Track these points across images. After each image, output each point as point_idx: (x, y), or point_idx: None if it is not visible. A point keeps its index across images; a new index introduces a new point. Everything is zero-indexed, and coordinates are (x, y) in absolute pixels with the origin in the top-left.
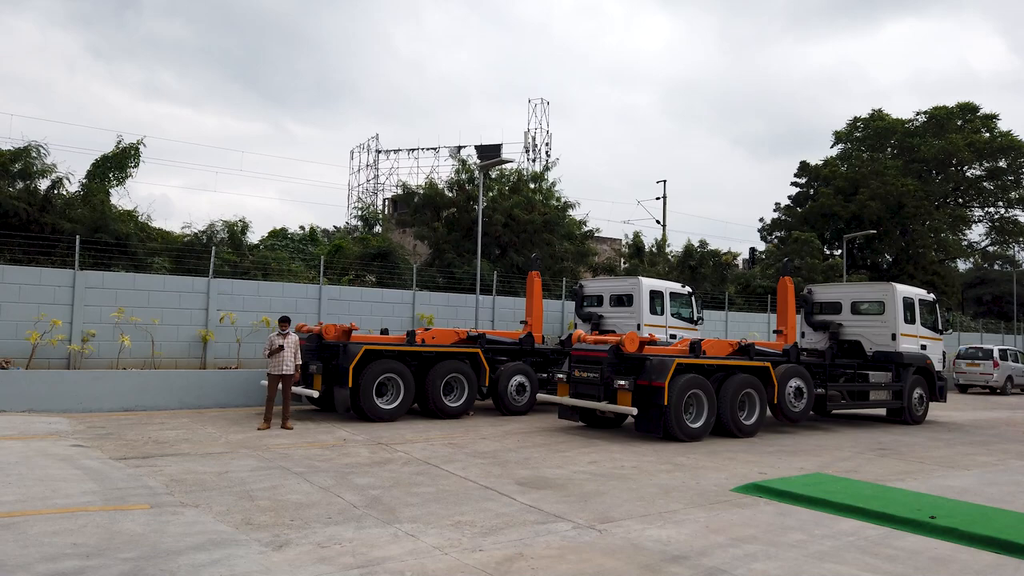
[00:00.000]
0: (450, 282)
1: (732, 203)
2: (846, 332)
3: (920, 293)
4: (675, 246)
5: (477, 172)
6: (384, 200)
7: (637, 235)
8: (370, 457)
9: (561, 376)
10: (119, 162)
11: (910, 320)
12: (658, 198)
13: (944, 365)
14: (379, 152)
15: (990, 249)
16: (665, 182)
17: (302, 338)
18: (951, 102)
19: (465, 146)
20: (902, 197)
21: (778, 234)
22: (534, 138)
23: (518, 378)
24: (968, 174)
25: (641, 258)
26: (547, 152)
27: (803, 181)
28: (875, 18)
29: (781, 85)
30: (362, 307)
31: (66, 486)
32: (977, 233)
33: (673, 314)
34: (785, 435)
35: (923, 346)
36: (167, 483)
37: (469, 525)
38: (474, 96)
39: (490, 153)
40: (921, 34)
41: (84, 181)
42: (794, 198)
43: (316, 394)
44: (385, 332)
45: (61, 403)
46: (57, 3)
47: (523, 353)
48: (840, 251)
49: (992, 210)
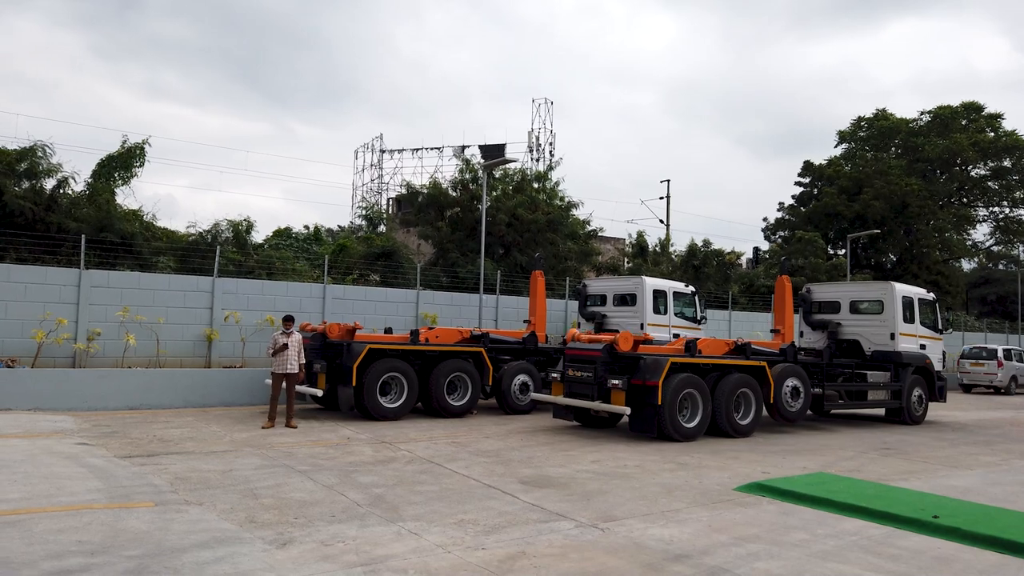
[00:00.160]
0: (454, 281)
1: (736, 203)
2: (845, 331)
3: (919, 292)
4: (679, 246)
5: (481, 172)
6: (388, 200)
7: (641, 234)
8: (374, 456)
9: (555, 375)
10: (124, 162)
11: (909, 319)
12: (661, 198)
13: (944, 365)
14: (383, 152)
15: (994, 249)
16: (668, 181)
17: (306, 337)
18: (954, 102)
19: (469, 146)
20: (906, 197)
21: (782, 234)
22: (538, 138)
23: (521, 377)
24: (972, 174)
25: (645, 258)
26: (551, 152)
27: (807, 181)
28: (877, 18)
29: (783, 85)
30: (366, 306)
31: (71, 484)
32: (981, 233)
33: (676, 314)
34: (788, 435)
35: (922, 346)
36: (171, 481)
37: (472, 523)
38: (476, 96)
39: (494, 153)
40: (923, 33)
41: (89, 181)
42: (798, 198)
43: (320, 393)
44: (389, 331)
45: (66, 401)
46: (60, 3)
47: (526, 352)
48: (844, 251)
49: (996, 210)
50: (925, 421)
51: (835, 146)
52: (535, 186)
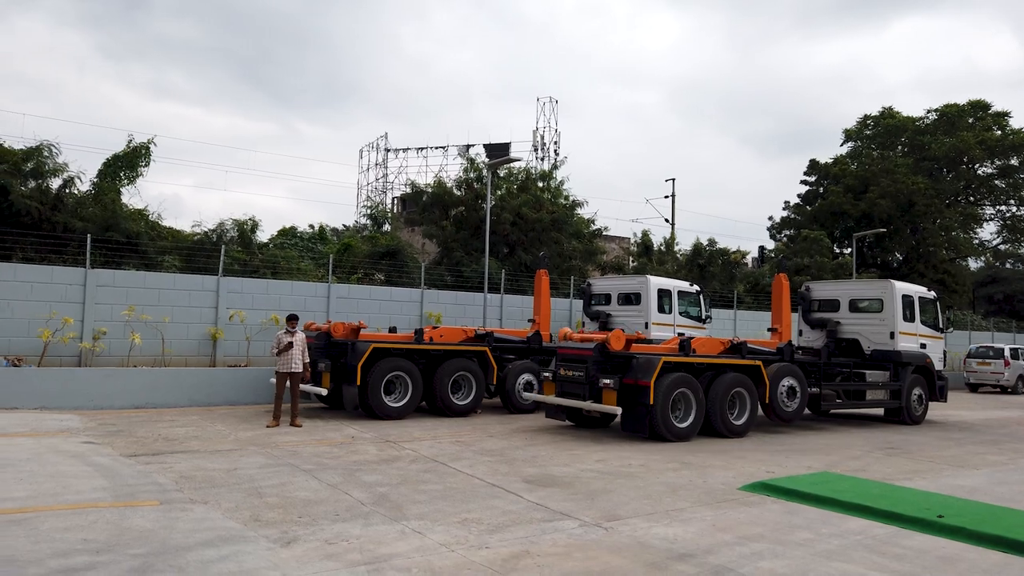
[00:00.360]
0: (458, 280)
1: (741, 202)
2: (844, 330)
3: (920, 291)
4: (684, 244)
5: (485, 171)
6: (393, 199)
7: (645, 233)
8: (378, 455)
9: (547, 375)
10: (130, 161)
11: (909, 318)
12: (666, 196)
13: (945, 364)
14: (388, 151)
15: (1002, 247)
16: (673, 180)
17: (310, 336)
18: (960, 100)
19: (473, 145)
20: (912, 195)
21: (787, 232)
22: (542, 137)
23: (526, 376)
24: (979, 172)
25: (649, 256)
26: (555, 151)
27: (812, 179)
28: (882, 16)
29: (788, 83)
30: (371, 305)
31: (77, 483)
32: (988, 231)
33: (681, 313)
34: (793, 434)
35: (923, 345)
36: (177, 480)
37: (476, 522)
38: (481, 95)
39: (498, 152)
40: (929, 32)
41: (95, 180)
42: (803, 196)
43: (325, 392)
44: (393, 330)
45: (72, 400)
46: (67, 3)
47: (531, 351)
48: (850, 250)
49: (1004, 208)
50: (929, 421)
51: (841, 145)
52: (539, 185)
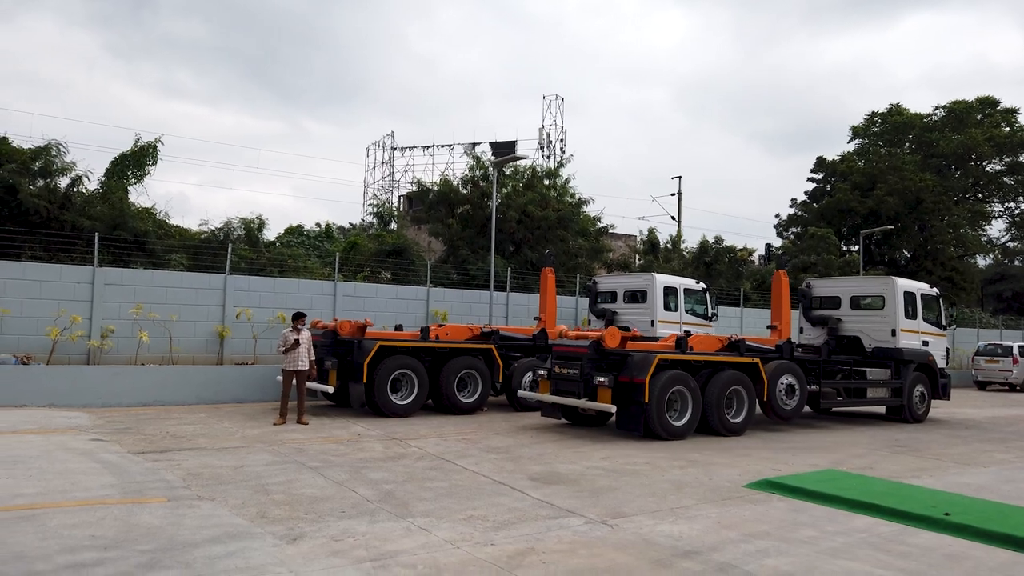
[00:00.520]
0: (464, 278)
1: (748, 199)
2: (845, 328)
3: (922, 287)
4: (690, 242)
5: (491, 169)
6: (399, 197)
7: (652, 231)
8: (384, 452)
9: (542, 373)
10: (137, 160)
11: (911, 315)
12: (673, 194)
13: (948, 362)
14: (394, 149)
15: (1010, 245)
16: (680, 178)
17: (316, 334)
18: (969, 96)
19: (479, 143)
20: (920, 192)
21: (794, 230)
22: (549, 134)
23: (531, 374)
24: (988, 169)
25: (656, 254)
26: (562, 149)
27: (819, 177)
28: (890, 12)
29: (796, 80)
30: (377, 303)
31: (85, 479)
32: (997, 228)
33: (687, 310)
34: (798, 432)
35: (925, 342)
36: (184, 477)
37: (481, 519)
38: (487, 93)
39: (504, 150)
40: (938, 28)
41: (103, 179)
42: (810, 194)
43: (331, 390)
44: (399, 328)
45: (81, 398)
46: (76, 3)
47: (537, 349)
48: (857, 247)
49: (1012, 205)
50: (936, 418)
51: (848, 142)
52: (546, 183)
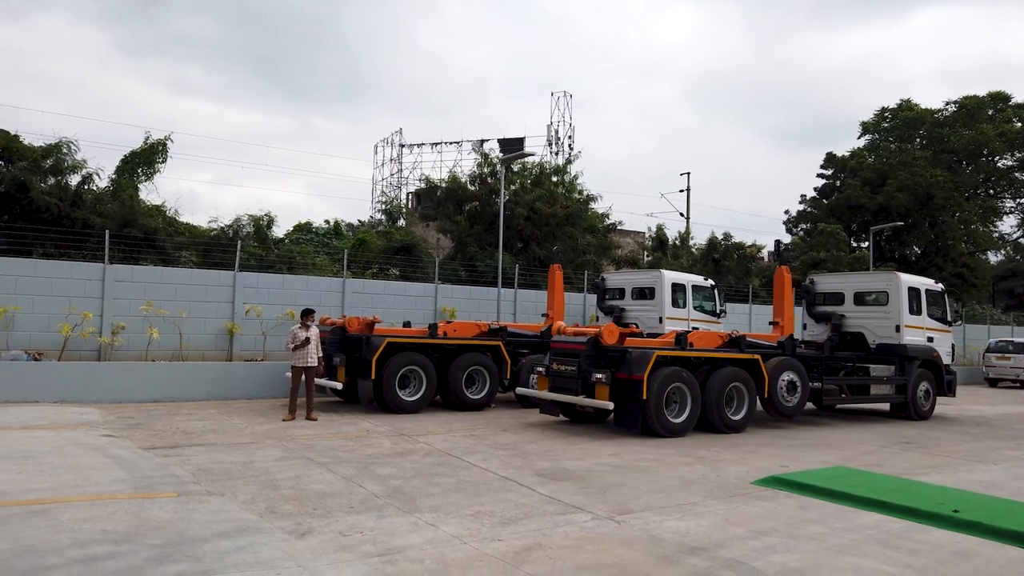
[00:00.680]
0: (472, 275)
1: (757, 195)
2: (849, 324)
3: (927, 283)
4: (699, 239)
5: (499, 165)
6: (407, 194)
7: (660, 228)
8: (392, 448)
9: (540, 369)
10: (147, 158)
11: (916, 311)
12: (681, 190)
13: (953, 358)
14: (403, 146)
15: (1022, 241)
16: (689, 174)
17: (324, 331)
18: (981, 91)
19: (487, 140)
20: (931, 188)
21: (804, 226)
22: (557, 131)
23: (539, 370)
24: (999, 165)
25: (664, 251)
26: (570, 145)
27: (829, 173)
28: (901, 6)
29: (806, 75)
30: (385, 300)
31: (96, 474)
32: (1008, 224)
33: (696, 307)
34: (807, 429)
35: (930, 338)
36: (194, 472)
37: (488, 515)
38: (495, 90)
39: (513, 146)
40: (949, 22)
41: (113, 176)
42: (820, 190)
43: (340, 386)
44: (408, 325)
45: (92, 394)
46: (87, 0)
47: (545, 346)
48: (867, 243)
49: None
50: (945, 415)
51: (858, 137)
52: (554, 180)
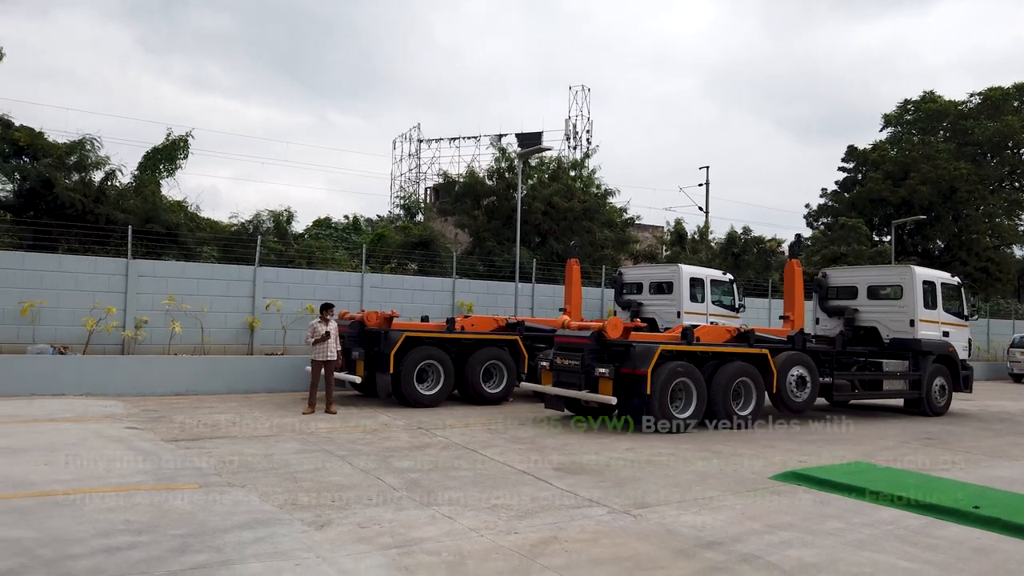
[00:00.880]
0: (490, 270)
1: (777, 189)
2: (862, 318)
3: (943, 276)
4: (718, 233)
5: (516, 160)
6: (426, 189)
7: (679, 222)
8: (410, 441)
9: (544, 364)
10: (169, 154)
11: (931, 305)
12: (700, 184)
13: (970, 353)
14: (421, 141)
15: None
16: (708, 168)
17: (343, 325)
18: (1006, 83)
19: (506, 134)
20: (954, 181)
21: (825, 220)
22: (575, 125)
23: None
24: None
25: (683, 245)
26: (588, 139)
27: (851, 166)
28: None
29: (827, 67)
30: (403, 295)
31: (120, 466)
32: None
33: (714, 302)
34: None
35: (945, 332)
36: (215, 464)
37: (505, 508)
38: (513, 85)
39: (530, 141)
40: (975, 11)
41: (136, 173)
42: (841, 183)
43: (359, 380)
44: (426, 319)
45: (116, 387)
46: None
47: None
48: (889, 237)
49: None
50: (967, 411)
51: (880, 130)
52: (571, 174)
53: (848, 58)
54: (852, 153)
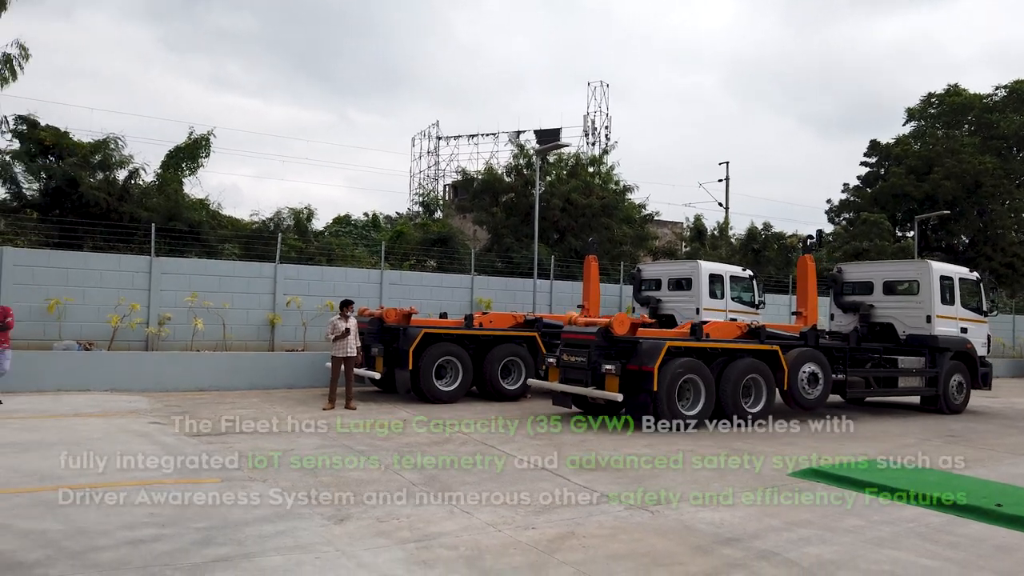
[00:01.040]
0: (508, 267)
1: (798, 184)
2: (878, 314)
3: (961, 271)
4: (738, 229)
5: (535, 157)
6: (444, 186)
7: (698, 218)
8: (428, 437)
9: (551, 360)
10: (191, 152)
11: (948, 301)
12: (720, 180)
13: (989, 349)
14: (439, 139)
15: None
16: (727, 163)
17: (363, 322)
18: None
19: (524, 131)
20: (979, 176)
21: (846, 216)
22: (593, 121)
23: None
24: None
25: (702, 241)
26: (606, 135)
27: (873, 161)
28: None
29: (850, 61)
30: (422, 291)
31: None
32: None
33: (734, 298)
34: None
35: (963, 329)
36: (237, 459)
37: (523, 504)
38: (532, 81)
39: (549, 137)
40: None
41: (159, 171)
42: (864, 178)
43: (378, 376)
44: (444, 316)
45: (140, 383)
46: None
47: None
48: (912, 233)
49: None
50: (990, 409)
51: (903, 124)
52: (590, 170)
53: (871, 52)
54: (875, 147)
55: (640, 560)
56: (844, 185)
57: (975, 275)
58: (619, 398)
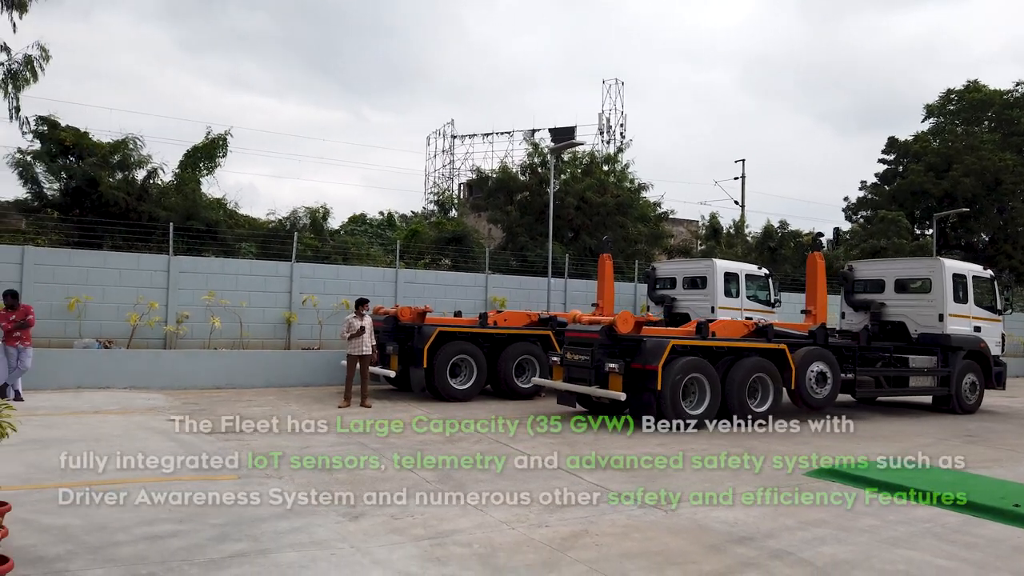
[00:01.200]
0: (523, 265)
1: (815, 182)
2: (889, 312)
3: (975, 269)
4: (754, 227)
5: (549, 155)
6: (459, 185)
7: (714, 216)
8: (443, 435)
9: (555, 359)
10: (208, 152)
11: (961, 299)
12: (736, 178)
13: (1003, 348)
14: (454, 137)
15: None
16: (744, 161)
17: (378, 320)
18: None
19: (539, 129)
20: (999, 173)
21: (864, 213)
22: (608, 119)
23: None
24: None
25: (718, 240)
26: (621, 133)
27: (891, 158)
28: None
29: (868, 57)
30: (437, 290)
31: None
32: None
33: (749, 297)
34: (863, 421)
35: (977, 327)
36: (253, 456)
37: (536, 502)
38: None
39: (564, 135)
40: None
41: (177, 171)
42: (881, 176)
43: (393, 374)
44: (459, 314)
45: (158, 380)
46: None
47: None
48: (931, 231)
49: None
50: (1010, 409)
51: (922, 121)
52: (604, 169)
53: (889, 48)
54: (893, 144)
55: (653, 558)
56: (862, 182)
57: (989, 273)
58: (622, 397)
